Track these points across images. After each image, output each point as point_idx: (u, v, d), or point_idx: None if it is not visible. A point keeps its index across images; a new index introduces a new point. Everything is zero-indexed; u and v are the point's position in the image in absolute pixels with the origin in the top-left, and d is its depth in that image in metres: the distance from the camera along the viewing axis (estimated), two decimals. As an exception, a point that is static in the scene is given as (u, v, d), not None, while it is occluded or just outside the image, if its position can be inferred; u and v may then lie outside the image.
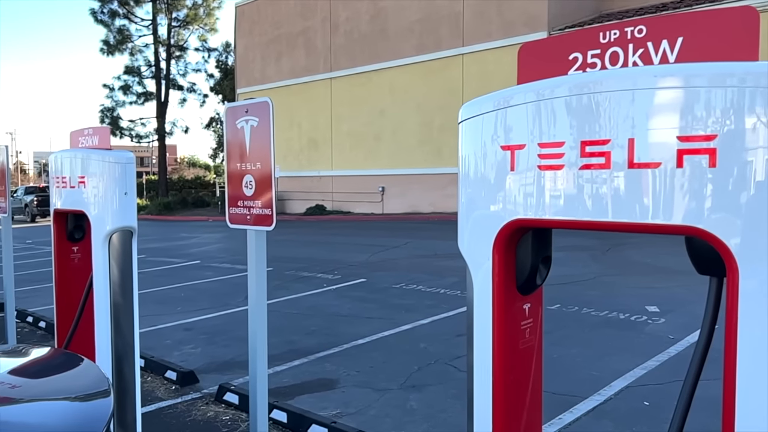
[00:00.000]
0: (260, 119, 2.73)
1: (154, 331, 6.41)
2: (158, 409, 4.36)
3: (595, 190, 1.32)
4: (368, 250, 12.83)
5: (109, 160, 2.97)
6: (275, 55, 27.81)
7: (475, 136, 1.54)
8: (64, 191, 3.24)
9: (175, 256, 13.28)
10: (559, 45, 1.47)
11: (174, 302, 8.10)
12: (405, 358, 5.34)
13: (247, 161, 2.83)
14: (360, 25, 24.39)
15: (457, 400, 4.32)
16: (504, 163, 1.46)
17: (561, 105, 1.43)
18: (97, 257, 3.01)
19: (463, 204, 1.56)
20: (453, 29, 21.55)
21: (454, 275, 9.25)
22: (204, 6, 35.14)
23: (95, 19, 33.72)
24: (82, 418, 1.63)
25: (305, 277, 9.76)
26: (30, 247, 15.96)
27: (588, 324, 6.22)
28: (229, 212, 3.00)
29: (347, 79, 24.88)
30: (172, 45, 35.46)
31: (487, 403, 1.50)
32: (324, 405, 4.28)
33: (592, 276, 8.78)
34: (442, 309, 7.10)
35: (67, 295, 3.44)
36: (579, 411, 4.01)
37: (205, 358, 5.55)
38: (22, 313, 7.22)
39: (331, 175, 25.57)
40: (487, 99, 1.59)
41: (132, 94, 35.37)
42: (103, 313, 3.03)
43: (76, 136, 3.30)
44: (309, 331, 6.38)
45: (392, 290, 8.45)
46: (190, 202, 32.16)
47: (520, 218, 1.43)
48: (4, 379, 1.89)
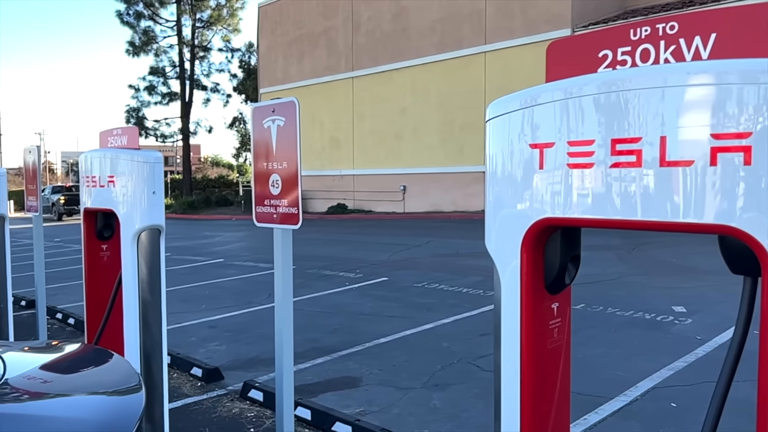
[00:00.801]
0: (287, 119, 2.75)
1: (179, 328, 6.50)
2: (184, 405, 4.42)
3: (626, 188, 1.31)
4: (390, 249, 12.84)
5: (138, 159, 3.02)
6: (297, 54, 27.97)
7: (502, 135, 1.54)
8: (93, 190, 3.30)
9: (199, 254, 13.44)
10: (588, 42, 1.46)
11: (198, 300, 8.20)
12: (428, 357, 5.34)
13: (273, 160, 2.86)
14: (382, 24, 24.41)
15: (481, 400, 4.31)
16: (532, 162, 1.45)
17: (590, 103, 1.42)
18: (126, 255, 3.06)
19: (491, 203, 1.55)
20: (475, 27, 21.45)
21: (476, 274, 9.22)
22: (227, 7, 35.48)
23: (121, 20, 34.29)
24: (116, 413, 1.66)
25: (327, 275, 9.81)
26: (58, 245, 16.28)
27: (613, 324, 6.15)
28: (255, 211, 3.03)
29: (369, 78, 24.92)
30: (196, 45, 35.88)
31: (515, 403, 1.50)
32: (347, 403, 4.30)
33: (617, 275, 8.68)
34: (464, 308, 7.08)
35: (97, 292, 3.51)
36: (604, 411, 3.97)
37: (230, 356, 5.61)
38: (52, 309, 7.36)
39: (352, 174, 25.64)
40: (514, 97, 1.58)
41: (157, 95, 35.89)
42: (132, 310, 3.08)
43: (105, 135, 3.36)
44: (332, 329, 6.41)
45: (414, 289, 8.45)
46: (213, 201, 32.52)
47: (548, 217, 1.42)
48: (36, 374, 1.93)
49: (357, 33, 25.36)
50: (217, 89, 37.31)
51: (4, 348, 2.13)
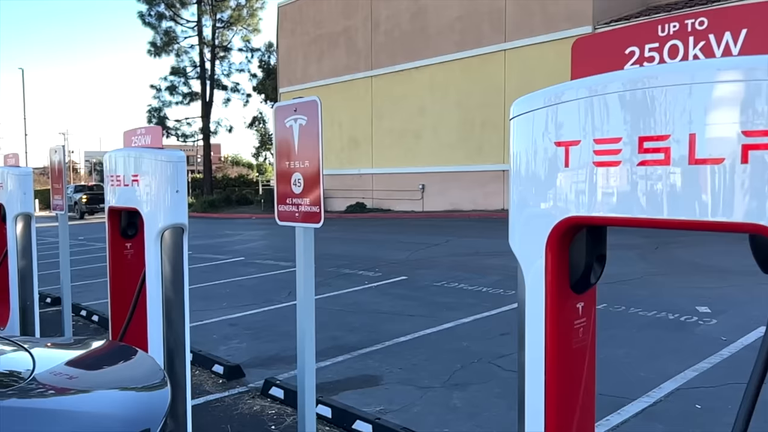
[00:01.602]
0: (309, 118, 2.76)
1: (201, 326, 6.56)
2: (206, 402, 4.46)
3: (654, 186, 1.29)
4: (409, 248, 12.83)
5: (161, 158, 3.06)
6: (317, 54, 28.05)
7: (526, 133, 1.53)
8: (118, 189, 3.35)
9: (220, 252, 13.56)
10: (615, 39, 1.45)
11: (219, 298, 8.27)
12: (447, 356, 5.33)
13: (295, 159, 2.87)
14: (401, 23, 24.38)
15: (502, 399, 4.28)
16: (557, 160, 1.44)
17: (615, 100, 1.41)
18: (150, 253, 3.10)
19: (514, 201, 1.55)
20: (495, 25, 21.32)
21: (496, 273, 9.17)
22: (247, 7, 35.70)
23: (143, 21, 34.68)
24: (142, 409, 1.68)
25: (347, 274, 9.83)
26: (82, 244, 16.54)
27: (635, 324, 6.08)
28: (278, 209, 3.04)
29: (388, 77, 24.91)
30: (217, 46, 36.16)
31: (539, 403, 1.49)
32: (367, 401, 4.30)
33: (639, 275, 8.57)
34: (484, 307, 7.05)
35: (121, 289, 3.56)
36: (627, 413, 3.93)
37: (251, 353, 5.65)
38: (76, 307, 7.48)
39: (371, 173, 25.65)
40: (538, 95, 1.57)
41: (178, 95, 36.24)
42: (156, 308, 3.12)
43: (129, 135, 3.41)
44: (351, 327, 6.43)
45: (433, 288, 8.43)
46: (233, 200, 32.77)
47: (573, 215, 1.41)
48: (62, 370, 1.96)
49: (376, 32, 25.36)
50: (237, 89, 37.60)
51: (31, 344, 2.17)
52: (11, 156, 5.51)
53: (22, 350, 1.96)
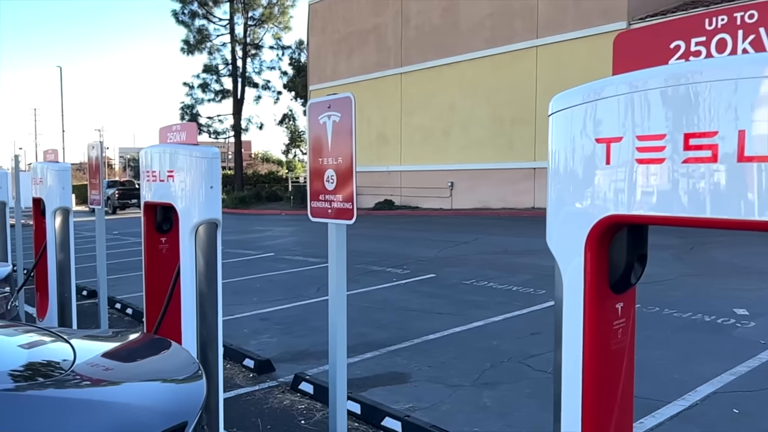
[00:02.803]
0: (342, 114, 2.77)
1: (232, 320, 6.64)
2: (237, 396, 4.51)
3: (699, 184, 1.26)
4: (437, 246, 12.78)
5: (196, 155, 3.09)
6: (347, 51, 28.12)
7: (565, 130, 1.50)
8: (153, 185, 3.40)
9: (251, 248, 13.71)
10: (659, 33, 1.41)
11: (250, 293, 8.37)
12: (477, 354, 5.29)
13: (328, 156, 2.88)
14: (431, 19, 24.28)
15: (532, 399, 4.24)
16: (598, 157, 1.41)
17: (656, 96, 1.37)
18: (184, 248, 3.14)
19: (552, 199, 1.52)
20: (527, 21, 21.09)
21: (526, 272, 9.08)
22: (278, 5, 35.96)
23: (176, 20, 35.20)
24: (180, 401, 1.70)
25: (375, 271, 9.84)
26: (116, 238, 16.89)
27: (670, 326, 5.95)
28: (310, 206, 3.06)
29: (417, 73, 24.84)
30: (248, 43, 36.53)
31: (576, 405, 1.46)
32: (396, 398, 4.30)
33: (673, 276, 8.39)
34: (514, 306, 6.98)
35: (156, 283, 3.61)
36: (662, 416, 3.85)
37: (281, 348, 5.70)
38: (111, 300, 7.64)
39: (399, 170, 25.63)
40: (576, 91, 1.54)
41: (210, 92, 36.71)
42: (190, 302, 3.16)
43: (165, 131, 3.46)
44: (380, 324, 6.43)
45: (462, 286, 8.39)
46: (264, 196, 33.08)
47: (614, 214, 1.38)
48: (101, 362, 2.00)
49: (406, 28, 25.30)
50: (267, 86, 37.92)
51: (71, 335, 2.22)
52: (51, 152, 5.65)
53: (62, 341, 2.01)
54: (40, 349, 1.95)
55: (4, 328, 2.33)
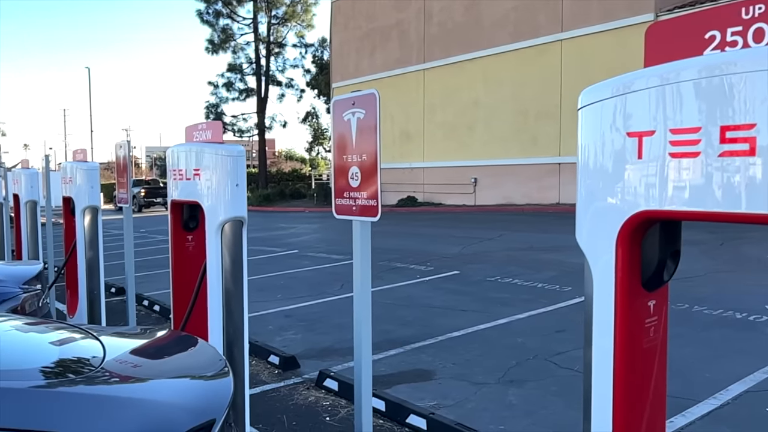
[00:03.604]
0: (366, 111, 2.76)
1: (257, 316, 6.69)
2: (263, 392, 4.55)
3: (735, 179, 1.22)
4: (461, 242, 12.72)
5: (222, 153, 3.11)
6: (369, 48, 28.11)
7: (595, 123, 1.47)
8: (180, 183, 3.43)
9: (275, 245, 13.80)
10: (693, 23, 1.37)
11: (275, 289, 8.42)
12: (502, 352, 5.25)
13: (353, 153, 2.87)
14: (454, 14, 24.14)
15: (559, 398, 4.19)
16: (630, 151, 1.38)
17: (689, 88, 1.34)
18: (210, 246, 3.16)
19: (582, 195, 1.49)
20: (551, 15, 20.84)
21: (552, 269, 8.98)
22: (301, 3, 36.11)
23: (201, 19, 35.55)
24: (207, 397, 1.71)
25: (398, 267, 9.83)
26: (144, 236, 17.14)
27: (700, 323, 5.84)
28: (335, 203, 3.05)
29: (440, 69, 24.73)
30: (272, 42, 36.74)
31: (607, 404, 1.43)
32: (421, 395, 4.29)
33: (703, 272, 8.22)
34: (540, 303, 6.91)
35: (183, 281, 3.65)
36: (692, 415, 3.77)
37: (305, 344, 5.73)
38: (139, 297, 7.75)
39: (422, 167, 25.56)
40: (606, 85, 1.51)
41: (234, 91, 37.02)
42: (216, 299, 3.18)
43: (191, 130, 3.49)
44: (404, 321, 6.42)
45: (487, 283, 8.33)
46: (287, 193, 33.29)
47: (647, 210, 1.35)
48: (129, 358, 2.02)
49: (429, 24, 25.19)
50: (291, 84, 38.10)
51: (99, 332, 2.25)
52: (80, 151, 5.74)
53: (92, 338, 2.03)
54: (71, 346, 1.98)
55: (36, 325, 2.37)
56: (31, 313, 3.87)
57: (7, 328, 2.22)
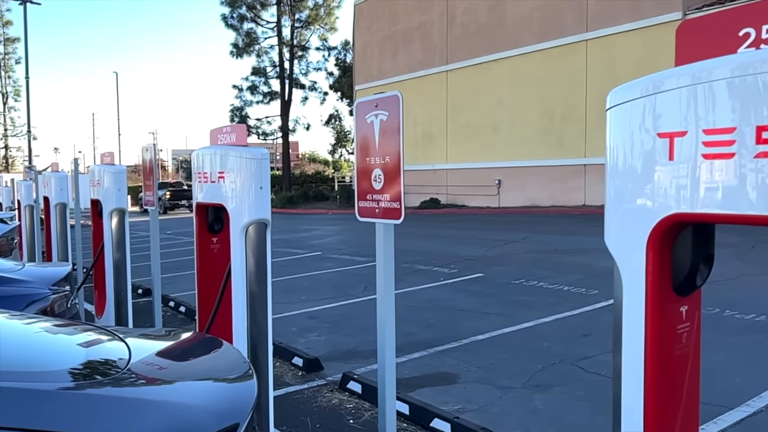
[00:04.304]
0: (390, 113, 2.75)
1: (281, 318, 6.73)
2: (286, 394, 4.56)
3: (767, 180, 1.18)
4: (485, 245, 12.64)
5: (246, 156, 3.13)
6: (392, 50, 28.14)
7: (624, 124, 1.43)
8: (205, 185, 3.46)
9: (298, 247, 13.87)
10: (726, 20, 1.33)
11: (298, 291, 8.46)
12: (527, 356, 5.19)
13: (376, 155, 2.86)
14: (477, 15, 24.03)
15: (585, 403, 4.13)
16: (660, 152, 1.34)
17: (722, 88, 1.30)
18: (235, 248, 3.18)
19: (611, 197, 1.46)
20: (576, 14, 20.62)
21: (577, 272, 8.87)
22: (324, 6, 36.30)
23: (226, 24, 35.94)
24: (232, 400, 1.71)
25: (421, 270, 9.80)
26: (170, 237, 17.37)
27: (731, 328, 5.70)
28: (358, 205, 3.05)
29: (463, 70, 24.64)
30: (295, 45, 36.98)
31: (638, 411, 1.39)
32: (445, 399, 4.26)
33: (734, 275, 8.03)
34: (565, 307, 6.82)
35: (208, 282, 3.68)
36: (724, 422, 3.68)
37: (329, 346, 5.73)
38: (165, 298, 7.84)
39: (445, 168, 25.48)
40: (635, 84, 1.48)
41: (259, 94, 37.34)
42: (240, 301, 3.20)
43: (215, 133, 3.51)
44: (427, 324, 6.39)
45: (511, 286, 8.25)
46: (311, 196, 33.45)
47: (679, 212, 1.31)
48: (155, 360, 2.04)
49: (452, 26, 25.12)
50: (314, 87, 38.32)
51: (125, 334, 2.27)
52: (107, 155, 5.83)
53: (118, 340, 2.05)
54: (97, 347, 2.00)
55: (65, 326, 2.40)
56: (60, 313, 3.94)
57: (36, 329, 2.25)
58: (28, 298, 3.76)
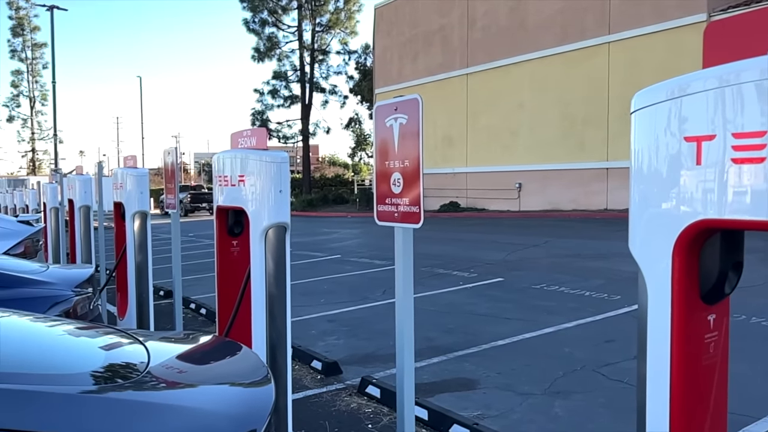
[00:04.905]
0: (409, 116, 2.73)
1: (301, 321, 6.74)
2: (305, 397, 4.56)
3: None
4: (505, 249, 12.54)
5: (266, 159, 3.14)
6: (412, 54, 28.14)
7: (650, 127, 1.40)
8: (225, 189, 3.47)
9: (318, 250, 13.91)
10: (756, 21, 1.29)
11: (318, 294, 8.47)
12: (548, 362, 5.13)
13: (395, 159, 2.85)
14: (498, 18, 23.92)
15: (607, 410, 4.06)
16: (687, 156, 1.31)
17: (752, 90, 1.26)
18: (254, 251, 3.19)
19: (636, 202, 1.42)
20: (598, 16, 20.42)
21: (599, 277, 8.75)
22: (345, 10, 36.45)
23: (247, 28, 36.27)
24: (248, 406, 1.71)
25: (441, 274, 9.76)
26: (192, 240, 17.54)
27: (758, 336, 5.57)
28: (376, 209, 3.03)
29: (484, 74, 24.54)
30: (316, 49, 37.19)
31: (663, 421, 1.35)
32: (464, 405, 4.22)
33: (761, 281, 7.85)
34: (587, 312, 6.73)
35: (227, 285, 3.69)
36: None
37: (348, 350, 5.73)
38: (186, 300, 7.92)
39: (465, 172, 25.37)
40: (660, 87, 1.44)
41: (279, 98, 37.59)
42: (259, 304, 3.20)
43: (236, 137, 3.53)
44: (447, 328, 6.35)
45: (532, 291, 8.17)
46: (330, 199, 33.57)
47: (705, 219, 1.27)
48: (173, 364, 2.05)
49: (472, 29, 25.04)
50: (334, 91, 38.47)
51: (146, 337, 2.29)
52: (130, 158, 5.91)
53: (137, 343, 2.06)
54: (117, 351, 2.01)
55: (86, 329, 2.43)
56: (83, 315, 3.98)
57: (59, 332, 2.28)
58: (51, 300, 3.82)
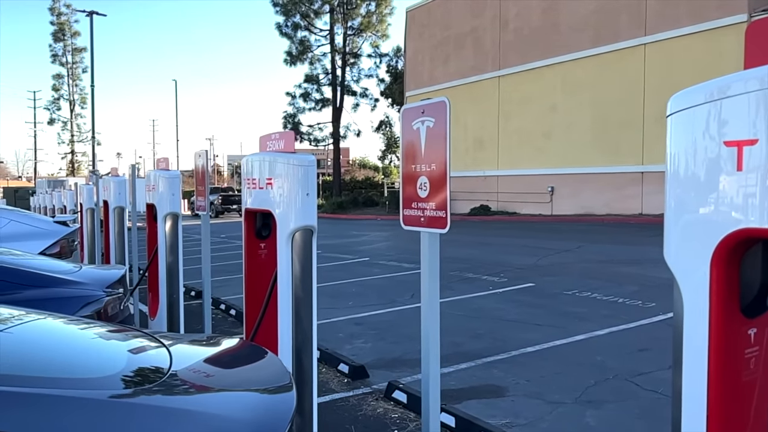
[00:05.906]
0: (436, 119, 2.69)
1: (329, 323, 6.74)
2: (332, 401, 4.54)
3: None
4: (536, 253, 12.37)
5: (293, 162, 3.13)
6: (443, 56, 28.05)
7: (687, 131, 1.34)
8: (253, 192, 3.48)
9: (346, 252, 13.93)
10: (803, 18, 1.22)
11: (346, 297, 8.47)
12: (579, 370, 5.02)
13: (421, 162, 2.81)
14: (531, 20, 23.69)
15: (641, 421, 3.94)
16: (727, 161, 1.24)
17: (797, 92, 1.19)
18: (281, 254, 3.18)
19: (671, 208, 1.36)
20: (634, 18, 20.03)
21: (633, 284, 8.55)
22: (377, 13, 36.55)
23: (280, 32, 36.63)
24: (270, 412, 1.69)
25: (470, 278, 9.66)
26: (224, 241, 17.76)
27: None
28: (402, 213, 3.00)
29: (516, 76, 24.31)
30: (347, 53, 37.37)
31: (700, 439, 1.29)
32: (492, 413, 4.15)
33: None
34: (620, 320, 6.58)
35: (255, 288, 3.70)
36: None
37: (375, 354, 5.70)
38: (216, 301, 8.00)
39: (496, 175, 25.16)
40: (698, 89, 1.38)
41: (311, 101, 37.87)
42: (286, 306, 3.20)
43: (264, 140, 3.54)
44: (475, 334, 6.27)
45: (563, 297, 8.03)
46: (360, 201, 33.65)
47: (747, 228, 1.20)
48: (201, 368, 2.05)
49: (504, 31, 24.85)
50: (365, 94, 38.59)
51: (170, 341, 2.29)
52: (162, 160, 5.99)
53: (161, 347, 2.07)
54: (140, 356, 2.02)
55: (114, 332, 2.45)
56: (113, 315, 4.04)
57: (91, 335, 2.30)
58: (83, 300, 3.88)
